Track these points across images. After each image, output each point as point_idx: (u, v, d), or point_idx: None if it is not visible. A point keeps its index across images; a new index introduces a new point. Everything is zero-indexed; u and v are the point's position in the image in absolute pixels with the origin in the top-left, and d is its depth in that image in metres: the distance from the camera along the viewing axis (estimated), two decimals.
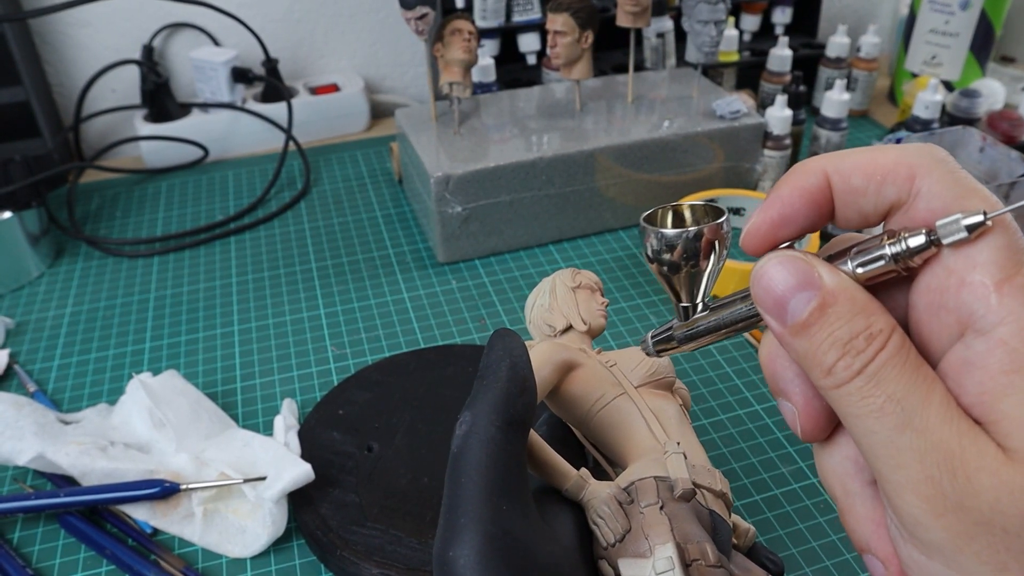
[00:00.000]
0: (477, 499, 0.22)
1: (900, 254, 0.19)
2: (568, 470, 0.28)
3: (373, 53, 1.05)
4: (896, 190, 0.20)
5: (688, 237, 0.23)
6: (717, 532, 0.27)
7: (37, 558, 0.48)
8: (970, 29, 0.92)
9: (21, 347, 0.65)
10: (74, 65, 0.94)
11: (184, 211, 0.84)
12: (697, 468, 0.28)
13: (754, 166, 0.80)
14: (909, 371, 0.19)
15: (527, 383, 0.25)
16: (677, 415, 0.31)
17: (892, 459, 0.19)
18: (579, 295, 0.38)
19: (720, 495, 0.28)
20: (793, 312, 0.20)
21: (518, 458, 0.24)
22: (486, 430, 0.24)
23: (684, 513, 0.27)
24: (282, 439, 0.52)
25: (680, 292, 0.24)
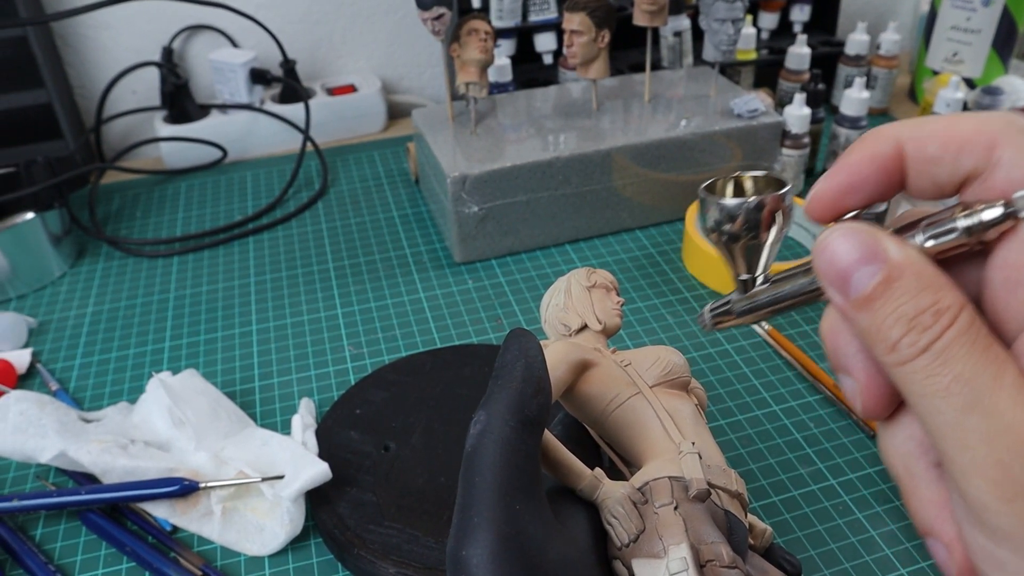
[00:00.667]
0: (490, 499, 0.22)
1: (974, 227, 0.19)
2: (582, 470, 0.28)
3: (390, 54, 1.05)
4: (974, 159, 0.19)
5: (749, 208, 0.22)
6: (733, 533, 0.27)
7: (59, 554, 0.49)
8: (992, 26, 0.91)
9: (44, 346, 0.66)
10: (95, 67, 0.95)
11: (203, 211, 0.85)
12: (712, 468, 0.28)
13: (772, 165, 0.79)
14: (979, 350, 0.18)
15: (542, 383, 0.25)
16: (692, 415, 0.31)
17: (959, 441, 0.18)
18: (594, 294, 0.38)
19: (736, 495, 0.28)
20: (857, 285, 0.19)
21: (532, 458, 0.24)
22: (500, 430, 0.24)
23: (699, 514, 0.26)
24: (300, 438, 0.52)
25: (739, 264, 0.24)
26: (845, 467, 0.52)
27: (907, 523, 0.49)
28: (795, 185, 0.81)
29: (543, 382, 0.25)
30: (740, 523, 0.27)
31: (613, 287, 0.40)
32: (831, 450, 0.53)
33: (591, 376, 0.32)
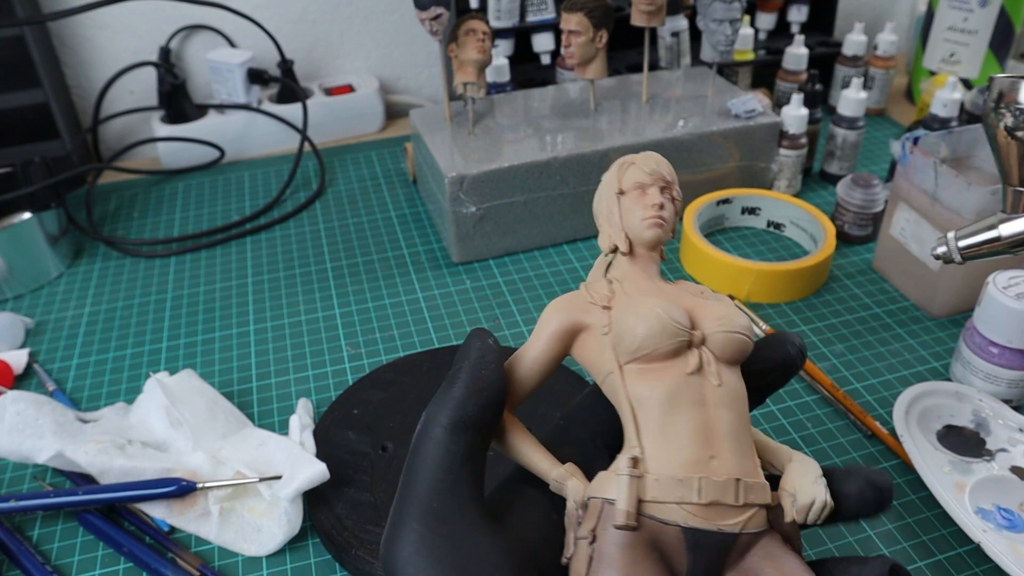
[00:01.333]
0: (415, 498, 0.23)
1: None
2: (544, 471, 0.25)
3: (388, 54, 1.05)
4: None
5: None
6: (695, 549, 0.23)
7: (56, 555, 0.49)
8: (989, 26, 0.91)
9: (41, 346, 0.66)
10: (92, 67, 0.95)
11: (200, 211, 0.85)
12: (663, 481, 0.23)
13: (770, 165, 0.80)
14: None
15: (482, 383, 0.25)
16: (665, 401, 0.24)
17: None
18: (624, 202, 0.30)
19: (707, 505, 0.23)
20: None
21: (466, 457, 0.24)
22: (432, 431, 0.24)
23: (619, 551, 0.23)
24: (297, 438, 0.52)
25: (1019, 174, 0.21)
26: (842, 467, 0.52)
27: (904, 523, 0.49)
28: (793, 185, 0.81)
29: (484, 381, 0.25)
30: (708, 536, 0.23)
31: (655, 180, 0.30)
32: (829, 450, 0.54)
33: (584, 342, 0.26)
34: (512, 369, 0.27)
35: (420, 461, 0.24)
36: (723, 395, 0.25)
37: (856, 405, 0.56)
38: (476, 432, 0.24)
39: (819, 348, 0.62)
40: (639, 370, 0.25)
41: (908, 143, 0.64)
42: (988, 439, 0.52)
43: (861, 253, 0.74)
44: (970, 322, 0.56)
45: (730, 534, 0.23)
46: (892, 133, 0.95)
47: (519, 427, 0.26)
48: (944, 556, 0.47)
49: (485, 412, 0.24)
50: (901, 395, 0.53)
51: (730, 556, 0.24)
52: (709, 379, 0.25)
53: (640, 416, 0.24)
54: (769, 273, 0.66)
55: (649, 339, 0.25)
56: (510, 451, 0.26)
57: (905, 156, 0.65)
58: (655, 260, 0.29)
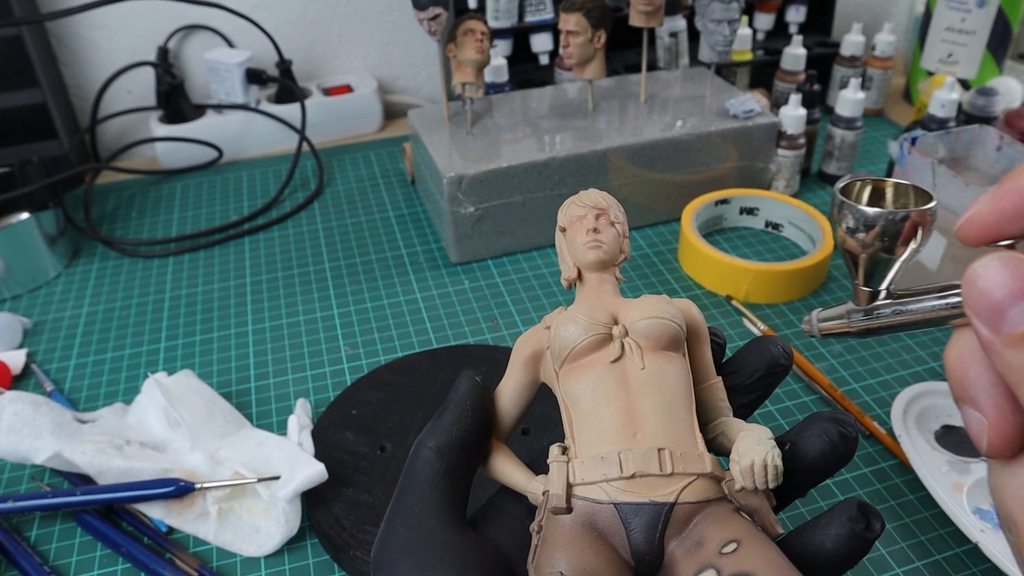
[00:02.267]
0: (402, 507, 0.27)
1: None
2: (523, 484, 0.28)
3: (386, 54, 1.05)
4: None
5: (893, 219, 0.21)
6: (629, 522, 0.24)
7: (54, 556, 0.49)
8: (987, 27, 0.91)
9: (38, 347, 0.66)
10: (90, 67, 0.95)
11: (199, 212, 0.85)
12: (587, 462, 0.25)
13: (768, 165, 0.80)
14: None
15: (466, 413, 0.28)
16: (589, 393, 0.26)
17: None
18: (567, 236, 0.32)
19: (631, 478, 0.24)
20: (1012, 322, 0.18)
21: (448, 473, 0.27)
22: (422, 452, 0.28)
23: (559, 533, 0.24)
24: (296, 439, 0.52)
25: (865, 274, 0.22)
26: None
27: (902, 523, 0.49)
28: (791, 185, 0.81)
29: (468, 411, 0.29)
30: (638, 508, 0.24)
31: (588, 210, 0.33)
32: None
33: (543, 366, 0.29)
34: (495, 402, 0.30)
35: (410, 477, 0.27)
36: (648, 377, 0.26)
37: (854, 405, 0.56)
38: (460, 453, 0.28)
39: (817, 348, 0.62)
40: (569, 370, 0.27)
41: (906, 143, 0.64)
42: None
43: None
44: None
45: (662, 503, 0.24)
46: (890, 133, 0.95)
47: (504, 452, 0.29)
48: (942, 556, 0.47)
49: (468, 436, 0.28)
50: (899, 395, 0.54)
51: (669, 527, 0.24)
52: (633, 364, 0.26)
53: (572, 411, 0.26)
54: (767, 273, 0.66)
55: (568, 338, 0.27)
56: (494, 473, 0.29)
57: (903, 156, 0.65)
58: (609, 281, 0.31)
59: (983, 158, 0.69)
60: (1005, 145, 0.69)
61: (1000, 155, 0.69)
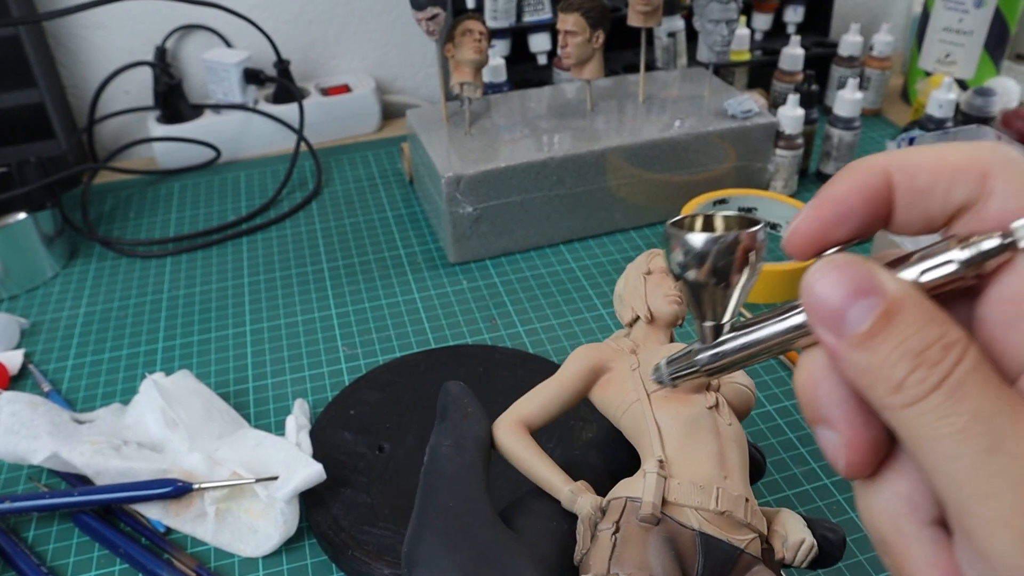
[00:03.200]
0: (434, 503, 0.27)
1: (971, 259, 0.18)
2: (558, 486, 0.28)
3: (384, 54, 1.05)
4: (967, 190, 0.18)
5: (721, 247, 0.21)
6: (707, 555, 0.25)
7: (51, 556, 0.49)
8: (984, 27, 0.91)
9: (36, 347, 0.66)
10: (88, 67, 0.95)
11: (197, 212, 0.85)
12: (685, 486, 0.26)
13: (766, 165, 0.80)
14: (994, 386, 0.16)
15: (468, 411, 0.30)
16: (687, 424, 0.28)
17: (979, 488, 0.16)
18: (650, 281, 0.34)
19: (721, 514, 0.26)
20: (853, 322, 0.18)
21: (468, 466, 0.28)
22: (439, 451, 0.28)
23: (642, 538, 0.25)
24: (294, 439, 0.52)
25: (705, 310, 0.22)
26: None
27: None
28: (789, 186, 0.81)
29: (469, 408, 0.30)
30: (719, 544, 0.26)
31: None
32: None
33: (606, 381, 0.31)
34: (536, 396, 0.31)
35: (434, 475, 0.27)
36: (733, 434, 0.29)
37: None
38: (475, 445, 0.28)
39: None
40: (665, 398, 0.29)
41: (904, 143, 0.64)
42: None
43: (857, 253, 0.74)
44: None
45: (736, 548, 0.26)
46: (888, 133, 0.95)
47: (535, 446, 0.30)
48: None
49: (479, 430, 0.29)
50: None
51: (734, 571, 0.26)
52: (723, 417, 0.29)
53: (665, 433, 0.28)
54: (765, 273, 0.66)
55: None
56: (526, 466, 0.29)
57: None
58: (669, 336, 0.34)
59: None
60: None
61: None
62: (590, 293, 0.69)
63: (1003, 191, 0.18)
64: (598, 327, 0.65)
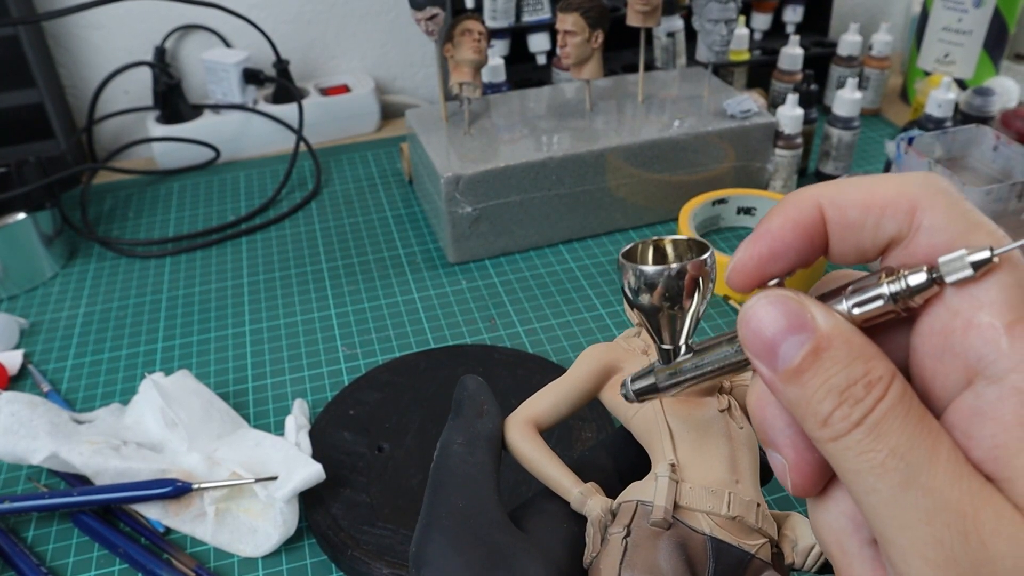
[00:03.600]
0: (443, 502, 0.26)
1: (899, 293, 0.18)
2: (567, 487, 0.28)
3: (383, 54, 1.05)
4: (896, 224, 0.19)
5: (670, 275, 0.21)
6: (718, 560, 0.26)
7: (51, 556, 0.49)
8: (983, 27, 0.91)
9: (35, 347, 0.66)
10: (87, 67, 0.95)
11: (196, 212, 0.85)
12: (697, 490, 0.26)
13: (765, 165, 0.80)
14: (913, 422, 0.17)
15: (484, 408, 0.29)
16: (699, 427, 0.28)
17: (896, 519, 0.17)
18: None
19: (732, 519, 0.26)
20: (784, 357, 0.18)
21: (481, 464, 0.27)
22: (451, 447, 0.28)
23: (653, 542, 0.25)
24: (293, 439, 0.52)
25: (661, 334, 0.23)
26: None
27: None
28: (788, 185, 0.81)
29: (485, 405, 0.29)
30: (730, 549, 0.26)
31: None
32: None
33: (617, 381, 0.30)
34: (545, 396, 0.30)
35: (444, 472, 0.27)
36: (745, 437, 0.29)
37: None
38: (487, 444, 0.28)
39: None
40: (677, 400, 0.28)
41: (903, 143, 0.64)
42: None
43: None
44: None
45: (747, 553, 0.26)
46: (887, 133, 0.96)
47: (544, 446, 0.29)
48: None
49: (492, 429, 0.29)
50: None
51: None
52: (735, 420, 0.29)
53: (676, 435, 0.28)
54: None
55: None
56: (535, 467, 0.29)
57: (900, 156, 0.65)
58: None
59: (980, 158, 0.70)
60: (1002, 145, 0.69)
61: (997, 155, 0.69)
62: (589, 293, 0.69)
63: (930, 226, 0.18)
64: (597, 327, 0.65)
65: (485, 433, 0.28)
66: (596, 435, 0.52)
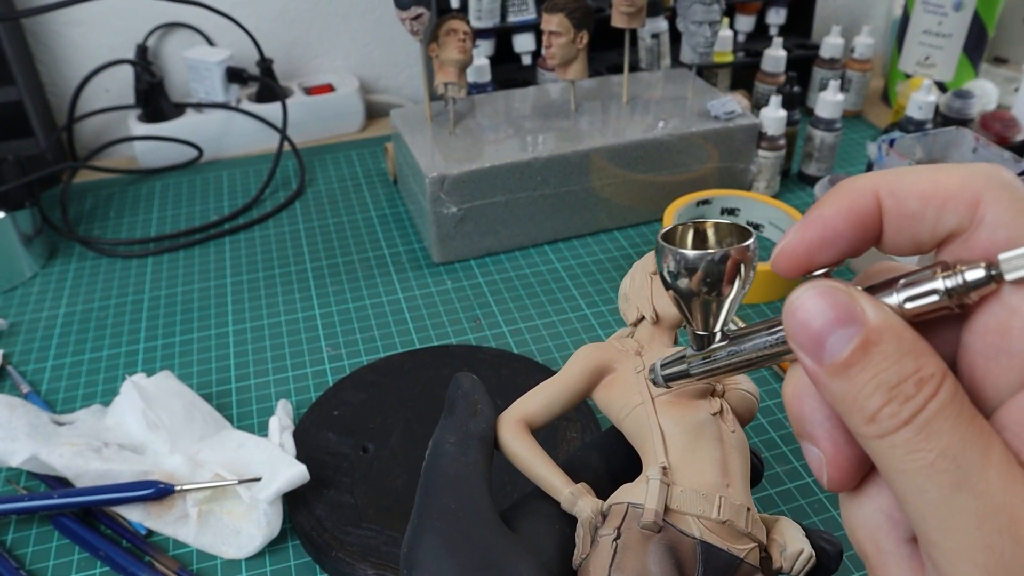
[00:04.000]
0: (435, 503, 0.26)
1: (955, 289, 0.17)
2: (558, 487, 0.28)
3: (368, 53, 1.05)
4: (957, 217, 0.18)
5: (712, 260, 0.21)
6: (707, 563, 0.26)
7: (31, 560, 0.48)
8: (963, 30, 0.92)
9: (14, 348, 0.65)
10: (67, 65, 0.94)
11: (178, 211, 0.84)
12: (687, 493, 0.26)
13: (748, 166, 0.80)
14: (964, 422, 0.17)
15: (477, 406, 0.29)
16: (691, 430, 0.28)
17: (945, 522, 0.16)
18: (656, 281, 0.34)
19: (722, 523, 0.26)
20: (832, 350, 0.18)
21: (473, 465, 0.27)
22: (443, 447, 0.27)
23: (643, 545, 0.25)
24: (277, 440, 0.52)
25: (697, 319, 0.22)
26: None
27: None
28: (771, 186, 0.81)
29: (479, 404, 0.29)
30: (719, 553, 0.26)
31: None
32: None
33: (609, 382, 0.30)
34: (537, 395, 0.30)
35: (436, 473, 0.27)
36: (736, 441, 0.28)
37: None
38: (480, 445, 0.28)
39: None
40: (669, 402, 0.28)
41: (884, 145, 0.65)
42: None
43: None
44: None
45: (736, 557, 0.26)
46: (869, 135, 0.96)
47: (536, 446, 0.29)
48: None
49: (485, 429, 0.28)
50: None
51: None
52: (727, 424, 0.29)
53: (668, 439, 0.28)
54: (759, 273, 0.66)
55: None
56: (526, 466, 0.29)
57: (881, 157, 0.66)
58: (674, 336, 0.33)
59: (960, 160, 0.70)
60: (981, 147, 0.70)
61: (976, 157, 0.70)
62: (574, 293, 0.69)
63: (993, 220, 0.18)
64: (582, 327, 0.65)
65: (478, 433, 0.28)
66: (581, 436, 0.52)
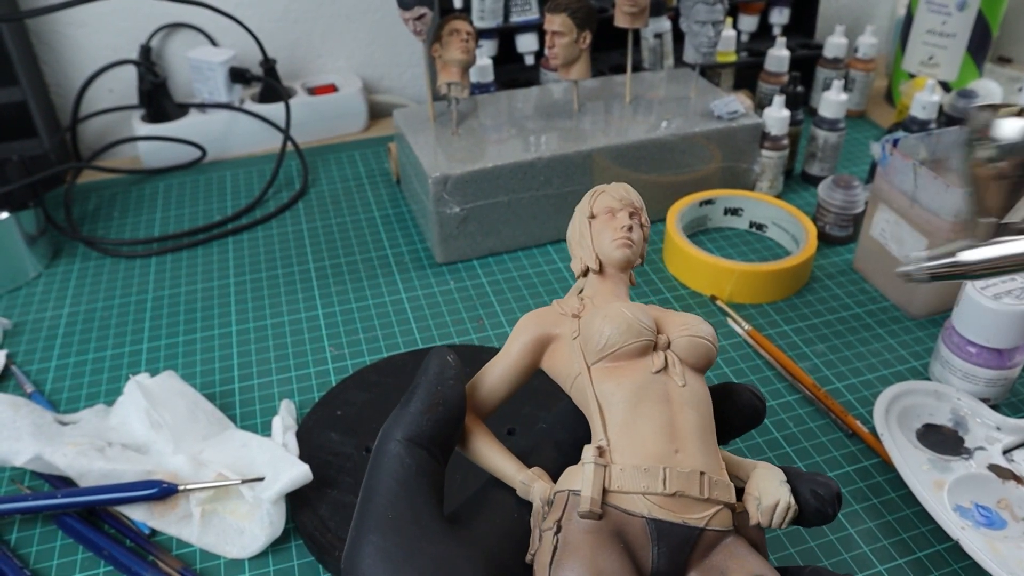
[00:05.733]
0: (373, 511, 0.24)
1: None
2: (511, 475, 0.26)
3: (371, 53, 1.05)
4: None
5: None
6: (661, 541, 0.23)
7: (35, 559, 0.48)
8: (967, 30, 0.92)
9: (18, 348, 0.65)
10: (71, 65, 0.94)
11: (182, 211, 0.84)
12: (628, 471, 0.24)
13: (752, 166, 0.80)
14: None
15: (438, 399, 0.26)
16: (630, 397, 0.25)
17: None
18: (594, 225, 0.31)
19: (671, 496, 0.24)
20: None
21: (419, 469, 0.25)
22: (388, 445, 0.25)
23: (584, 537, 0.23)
24: (280, 440, 0.52)
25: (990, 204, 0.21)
26: (824, 465, 0.53)
27: (884, 521, 0.49)
28: (774, 186, 0.81)
29: (440, 397, 0.26)
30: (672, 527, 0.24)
31: (624, 206, 0.32)
32: (810, 449, 0.54)
33: (552, 351, 0.28)
34: (483, 379, 0.28)
35: (377, 475, 0.25)
36: (688, 395, 0.26)
37: (837, 404, 0.57)
38: (431, 445, 0.25)
39: (801, 348, 0.63)
40: (606, 368, 0.26)
41: (888, 145, 0.65)
42: (966, 437, 0.52)
43: (842, 254, 0.74)
44: (948, 322, 0.57)
45: (694, 528, 0.24)
46: (872, 135, 0.96)
47: (486, 434, 0.27)
48: (923, 553, 0.47)
49: (440, 427, 0.26)
50: (881, 394, 0.54)
51: (695, 552, 0.24)
52: (674, 379, 0.26)
53: (606, 411, 0.25)
54: (751, 273, 0.67)
55: (615, 337, 0.26)
56: (477, 457, 0.27)
57: (885, 158, 0.65)
58: (624, 282, 0.30)
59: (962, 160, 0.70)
60: None
61: None
62: None
63: None
64: None
65: (429, 434, 0.26)
66: None
